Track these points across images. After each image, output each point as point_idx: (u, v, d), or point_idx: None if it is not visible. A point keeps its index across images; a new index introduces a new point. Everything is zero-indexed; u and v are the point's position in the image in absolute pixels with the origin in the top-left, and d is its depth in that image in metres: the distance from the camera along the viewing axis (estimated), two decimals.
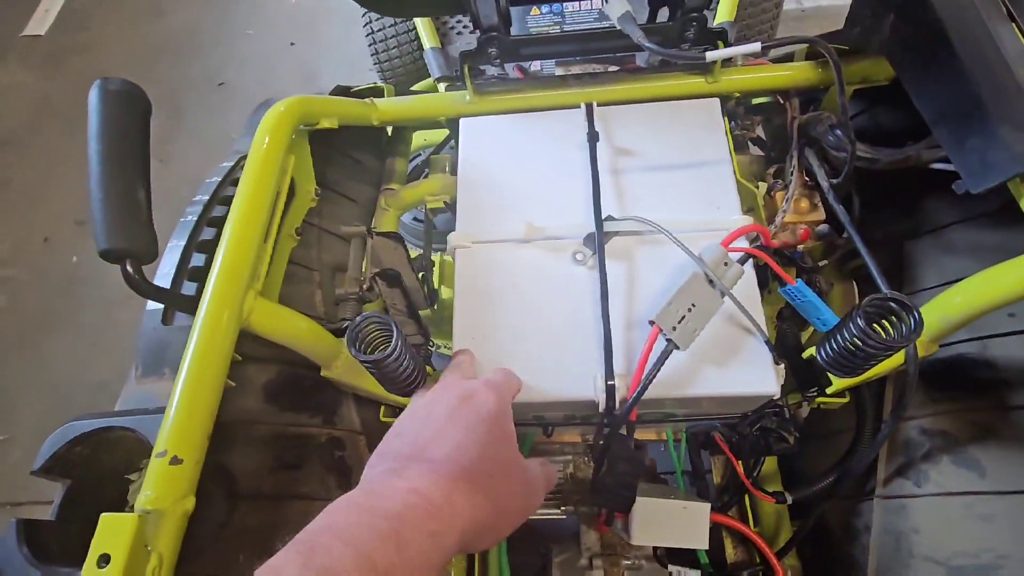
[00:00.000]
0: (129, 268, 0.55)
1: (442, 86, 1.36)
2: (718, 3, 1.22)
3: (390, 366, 0.55)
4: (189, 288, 0.63)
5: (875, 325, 0.50)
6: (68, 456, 0.53)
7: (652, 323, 0.61)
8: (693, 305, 0.61)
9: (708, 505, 0.75)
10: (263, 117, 0.65)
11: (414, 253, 1.25)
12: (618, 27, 0.65)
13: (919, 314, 0.47)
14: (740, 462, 0.77)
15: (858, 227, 0.81)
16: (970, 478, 0.62)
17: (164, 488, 0.43)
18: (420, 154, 1.39)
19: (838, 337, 0.54)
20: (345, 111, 0.78)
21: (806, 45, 0.81)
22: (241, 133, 0.85)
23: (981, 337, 0.68)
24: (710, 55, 0.60)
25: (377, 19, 1.60)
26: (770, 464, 0.88)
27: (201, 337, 0.49)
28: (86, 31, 2.58)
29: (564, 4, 1.19)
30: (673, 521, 0.74)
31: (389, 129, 1.20)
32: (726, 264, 0.63)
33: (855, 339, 0.51)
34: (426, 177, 1.12)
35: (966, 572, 0.58)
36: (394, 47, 1.61)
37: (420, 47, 1.60)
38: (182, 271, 0.64)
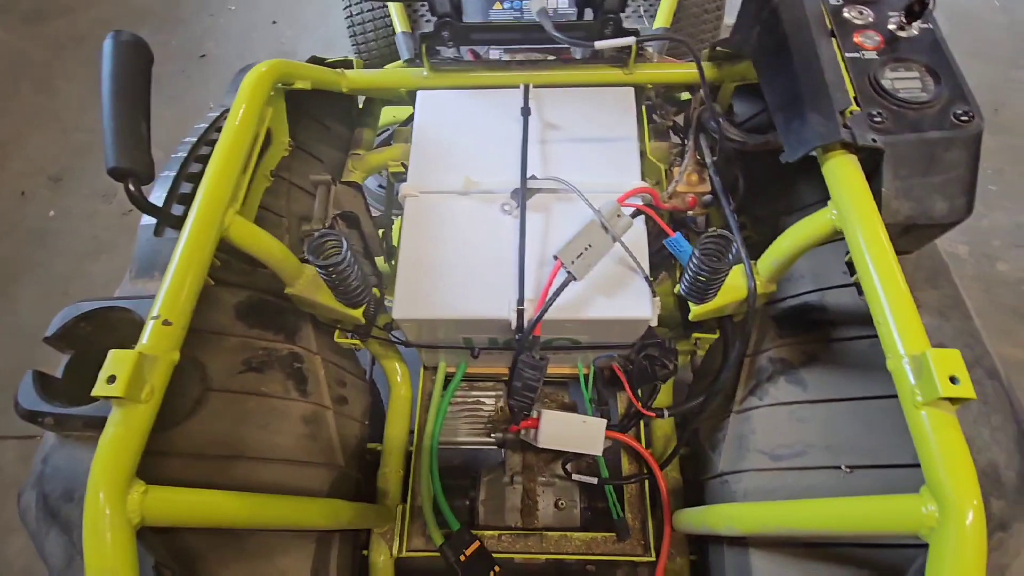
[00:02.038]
0: (131, 186, 0.68)
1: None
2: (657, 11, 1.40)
3: (340, 273, 0.70)
4: (177, 210, 0.75)
5: (711, 257, 0.67)
6: (74, 330, 0.65)
7: (556, 257, 0.77)
8: (589, 245, 0.77)
9: (604, 421, 0.91)
10: (248, 72, 0.78)
11: (376, 214, 1.38)
12: (536, 19, 0.80)
13: (737, 245, 0.64)
14: (633, 390, 0.93)
15: (743, 203, 0.99)
16: (796, 391, 0.79)
17: (157, 340, 0.56)
18: (389, 129, 1.52)
19: (687, 269, 0.70)
20: (318, 76, 0.91)
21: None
22: (226, 91, 0.97)
23: (821, 288, 0.85)
24: (597, 44, 0.76)
25: (357, 3, 1.72)
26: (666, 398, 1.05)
27: (190, 236, 0.63)
28: None
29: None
30: (574, 431, 0.90)
31: (360, 102, 1.34)
32: (619, 216, 0.79)
33: (695, 267, 0.67)
34: (390, 145, 1.26)
35: (783, 458, 0.75)
36: (371, 30, 1.74)
37: (394, 31, 1.73)
38: (172, 196, 0.77)
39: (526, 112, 0.92)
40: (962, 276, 1.69)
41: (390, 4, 1.42)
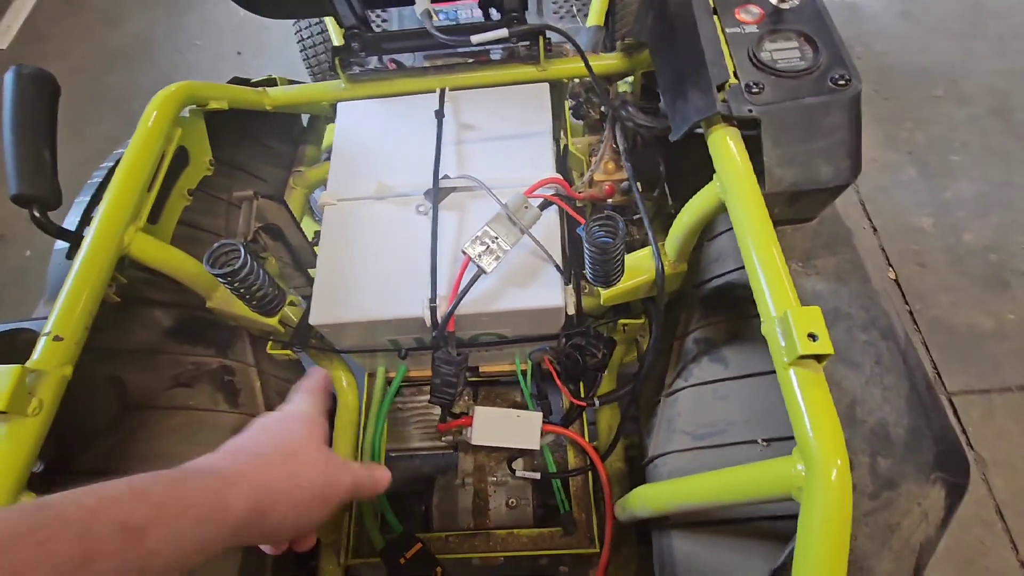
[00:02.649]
0: (36, 212, 0.70)
1: None
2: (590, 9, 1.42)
3: (242, 282, 0.71)
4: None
5: (599, 238, 0.67)
6: None
7: (464, 252, 0.77)
8: (496, 238, 0.78)
9: (540, 415, 0.91)
10: (155, 95, 0.80)
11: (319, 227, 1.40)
12: (419, 19, 0.82)
13: (623, 223, 0.64)
14: (568, 381, 0.93)
15: (674, 190, 1.00)
16: (718, 370, 0.79)
17: (47, 356, 0.58)
18: None
19: (584, 254, 0.71)
20: (235, 96, 0.93)
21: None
22: None
23: (741, 267, 0.85)
24: (474, 39, 0.77)
25: (307, 27, 1.77)
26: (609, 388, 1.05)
27: (86, 253, 0.64)
28: (45, 42, 2.71)
29: (458, 9, 1.37)
30: (509, 426, 0.90)
31: (305, 121, 1.36)
32: (527, 207, 0.80)
33: (587, 249, 0.68)
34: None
35: (705, 436, 0.75)
36: (322, 52, 1.78)
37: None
38: (85, 220, 0.79)
39: (440, 115, 0.93)
40: (929, 249, 1.68)
41: (328, 24, 1.45)
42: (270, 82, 1.05)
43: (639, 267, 0.77)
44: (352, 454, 1.02)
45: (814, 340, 0.48)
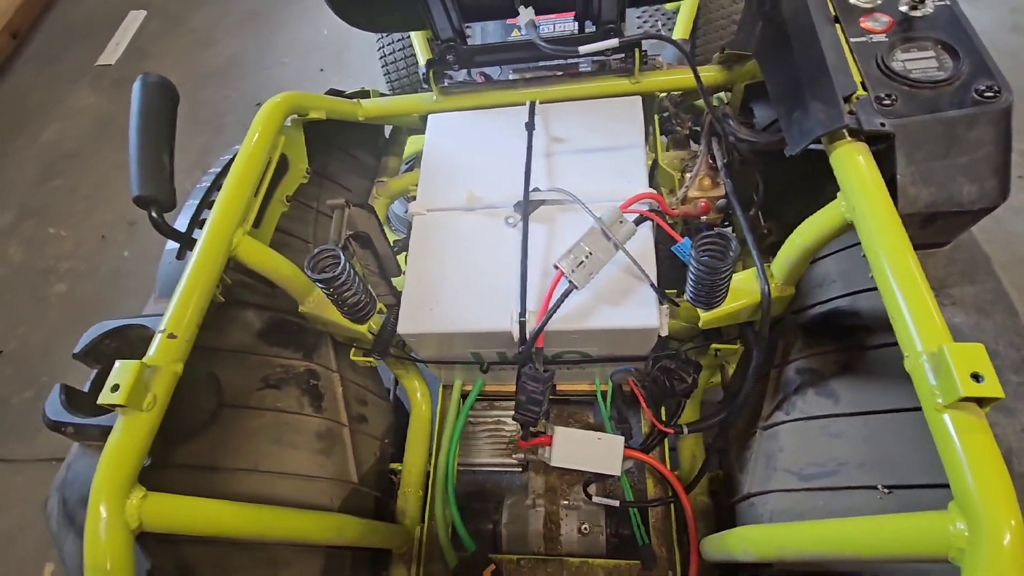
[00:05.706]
0: (154, 213, 0.73)
1: None
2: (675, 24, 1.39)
3: (339, 287, 0.71)
4: (199, 235, 0.81)
5: (709, 256, 0.63)
6: (99, 347, 0.70)
7: (556, 267, 0.75)
8: (590, 253, 0.75)
9: (622, 438, 0.87)
10: (263, 105, 0.83)
11: (401, 237, 1.42)
12: (523, 31, 0.81)
13: (735, 242, 0.60)
14: (652, 405, 0.88)
15: (768, 209, 0.94)
16: (827, 404, 0.72)
17: (162, 353, 0.60)
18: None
19: (689, 272, 0.67)
20: (332, 106, 0.96)
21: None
22: None
23: (851, 293, 0.79)
24: (582, 49, 0.75)
25: (389, 43, 1.82)
26: (692, 416, 0.99)
27: (199, 254, 0.67)
28: (149, 60, 2.94)
29: (553, 23, 1.37)
30: (589, 449, 0.86)
31: (387, 132, 1.40)
32: (621, 222, 0.77)
33: (694, 268, 0.64)
34: (410, 170, 1.31)
35: (813, 477, 0.68)
36: (403, 67, 1.83)
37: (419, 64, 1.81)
38: (194, 222, 0.82)
39: (530, 127, 0.92)
40: None
41: (414, 38, 1.49)
42: (363, 94, 1.08)
43: (742, 289, 0.72)
44: (423, 466, 1.02)
45: (978, 381, 0.42)
